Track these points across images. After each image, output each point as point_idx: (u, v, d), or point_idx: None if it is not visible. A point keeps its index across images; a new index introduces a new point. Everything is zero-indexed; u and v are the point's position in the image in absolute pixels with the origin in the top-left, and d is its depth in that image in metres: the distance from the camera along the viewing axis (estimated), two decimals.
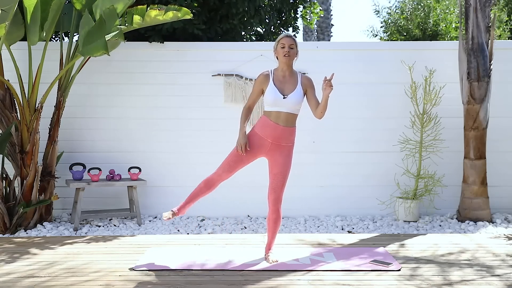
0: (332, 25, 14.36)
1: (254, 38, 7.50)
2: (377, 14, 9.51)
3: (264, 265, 4.13)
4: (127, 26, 5.34)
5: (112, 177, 5.96)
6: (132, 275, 3.91)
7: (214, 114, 6.33)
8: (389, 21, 9.25)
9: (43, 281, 3.79)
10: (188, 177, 6.35)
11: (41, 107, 5.60)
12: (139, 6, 5.48)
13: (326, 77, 3.98)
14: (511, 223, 5.96)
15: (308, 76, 4.27)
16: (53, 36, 7.63)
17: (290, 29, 8.05)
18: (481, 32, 5.90)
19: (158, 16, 5.27)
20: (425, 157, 6.24)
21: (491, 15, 6.05)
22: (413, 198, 6.05)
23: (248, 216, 6.29)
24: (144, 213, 6.30)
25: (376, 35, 9.61)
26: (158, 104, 6.34)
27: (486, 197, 5.96)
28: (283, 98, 4.04)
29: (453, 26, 8.44)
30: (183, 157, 6.35)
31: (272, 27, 7.59)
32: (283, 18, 7.75)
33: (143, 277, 3.86)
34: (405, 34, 8.80)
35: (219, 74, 6.30)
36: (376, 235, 5.24)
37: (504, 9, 9.21)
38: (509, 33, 9.00)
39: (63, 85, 5.83)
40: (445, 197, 6.25)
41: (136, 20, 5.29)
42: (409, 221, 5.98)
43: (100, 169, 6.02)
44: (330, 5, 14.35)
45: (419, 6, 8.66)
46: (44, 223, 5.74)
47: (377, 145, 6.37)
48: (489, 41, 5.98)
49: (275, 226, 4.24)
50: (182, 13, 5.31)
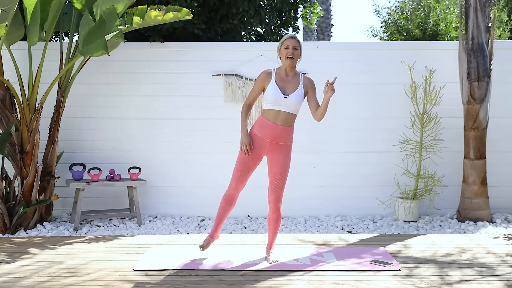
0: (332, 25, 14.36)
1: (254, 38, 7.50)
2: (377, 14, 9.51)
3: (264, 265, 4.13)
4: (127, 26, 5.34)
5: (112, 177, 5.96)
6: (132, 275, 3.91)
7: (214, 114, 6.33)
8: (389, 21, 9.25)
9: (43, 281, 3.79)
10: (188, 177, 6.36)
11: (41, 107, 5.60)
12: (139, 6, 5.48)
13: (329, 80, 3.98)
14: (511, 223, 5.97)
15: (310, 77, 4.27)
16: (53, 36, 7.63)
17: (290, 29, 8.05)
18: (481, 32, 5.90)
19: (158, 16, 5.28)
20: (425, 157, 6.24)
21: (491, 15, 6.05)
22: (413, 198, 6.05)
23: (248, 216, 6.29)
24: (144, 213, 6.30)
25: (376, 35, 9.60)
26: (158, 104, 6.34)
27: (486, 197, 5.96)
28: (284, 97, 4.05)
29: (453, 26, 8.44)
30: (183, 157, 6.35)
31: (272, 27, 7.59)
32: (283, 18, 7.74)
33: (143, 277, 3.86)
34: (405, 34, 8.80)
35: (219, 74, 6.30)
36: (376, 235, 5.24)
37: (504, 9, 9.21)
38: (509, 33, 8.99)
39: (63, 85, 5.84)
40: (445, 197, 6.25)
41: (136, 20, 5.29)
42: (409, 221, 5.99)
43: (100, 169, 6.02)
44: (330, 5, 14.34)
45: (419, 6, 8.66)
46: (44, 223, 5.74)
47: (377, 145, 6.37)
48: (489, 41, 5.98)
49: (276, 226, 4.24)
50: (182, 13, 5.31)
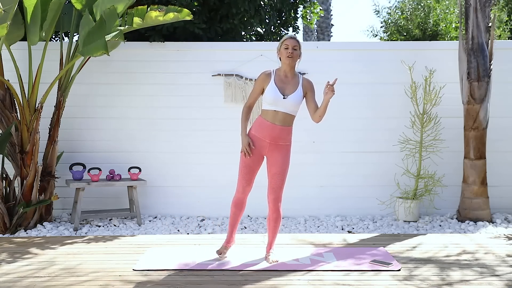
0: (332, 25, 14.36)
1: (254, 38, 7.50)
2: (377, 14, 9.50)
3: (264, 265, 4.13)
4: (127, 26, 5.34)
5: (112, 177, 5.96)
6: (132, 275, 3.92)
7: (214, 114, 6.33)
8: (389, 21, 9.24)
9: (43, 281, 3.79)
10: (188, 177, 6.36)
11: (41, 107, 5.60)
12: (139, 7, 5.48)
13: (329, 82, 3.98)
14: (511, 223, 5.97)
15: (308, 77, 4.28)
16: (53, 36, 7.63)
17: (290, 29, 8.05)
18: (481, 32, 5.90)
19: (159, 17, 5.28)
20: (425, 157, 6.24)
21: (491, 15, 6.05)
22: (413, 198, 6.05)
23: (248, 216, 6.29)
24: (144, 213, 6.30)
25: (376, 35, 9.60)
26: (158, 104, 6.34)
27: (486, 197, 5.96)
28: (283, 98, 4.05)
29: (453, 26, 8.43)
30: (183, 157, 6.35)
31: (272, 27, 7.59)
32: (283, 18, 7.75)
33: (143, 277, 3.86)
34: (405, 34, 8.79)
35: (219, 74, 6.30)
36: (376, 235, 5.24)
37: (504, 9, 9.20)
38: (509, 33, 8.99)
39: (63, 85, 5.84)
40: (445, 197, 6.25)
41: (136, 20, 5.29)
42: (409, 221, 5.99)
43: (100, 169, 6.02)
44: (330, 5, 14.35)
45: (419, 6, 8.65)
46: (44, 223, 5.74)
47: (377, 145, 6.37)
48: (489, 41, 5.98)
49: (276, 225, 4.25)
50: (182, 14, 5.31)
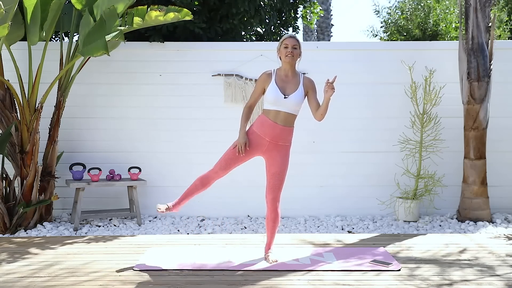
0: (332, 25, 14.36)
1: (254, 38, 7.50)
2: (377, 14, 9.50)
3: (263, 265, 4.13)
4: (127, 26, 5.34)
5: (112, 177, 5.96)
6: (132, 275, 3.91)
7: (214, 114, 6.33)
8: (389, 21, 9.24)
9: (43, 281, 3.79)
10: (188, 177, 6.32)
11: (41, 107, 5.60)
12: (139, 7, 5.47)
13: (329, 80, 3.98)
14: (511, 223, 5.97)
15: (310, 77, 4.28)
16: (53, 36, 7.63)
17: (290, 29, 8.05)
18: (481, 32, 5.90)
19: (159, 16, 5.28)
20: (425, 157, 6.24)
21: (491, 15, 6.05)
22: (413, 198, 6.05)
23: (248, 216, 6.29)
24: (144, 213, 6.30)
25: (376, 35, 9.60)
26: (158, 104, 6.34)
27: (486, 197, 5.96)
28: (284, 98, 4.05)
29: (453, 26, 8.43)
30: (183, 157, 6.35)
31: (272, 27, 7.59)
32: (283, 18, 7.75)
33: (143, 277, 3.86)
34: (405, 34, 8.80)
35: (219, 74, 6.30)
36: (376, 235, 5.24)
37: (504, 9, 9.20)
38: (509, 33, 8.99)
39: (63, 85, 5.84)
40: (445, 197, 6.25)
41: (137, 20, 5.29)
42: (409, 221, 5.98)
43: (100, 169, 6.02)
44: (330, 5, 14.35)
45: (419, 6, 8.65)
46: (44, 223, 5.74)
47: (377, 145, 6.37)
48: (489, 41, 5.98)
49: (274, 225, 4.24)
50: (182, 14, 5.31)
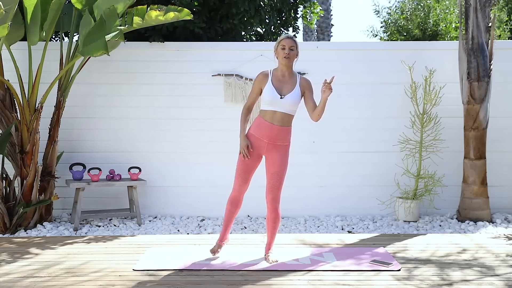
0: (332, 25, 14.36)
1: (254, 38, 7.50)
2: (377, 14, 9.50)
3: (264, 265, 4.13)
4: (127, 26, 5.34)
5: (112, 177, 5.96)
6: (132, 275, 3.92)
7: (214, 114, 6.33)
8: (389, 21, 9.24)
9: (43, 281, 3.79)
10: (188, 177, 6.36)
11: (41, 107, 5.60)
12: (139, 6, 5.48)
13: (326, 80, 3.98)
14: (511, 223, 5.97)
15: (307, 77, 4.28)
16: (53, 36, 7.63)
17: (290, 29, 8.05)
18: (481, 32, 5.90)
19: (159, 16, 5.28)
20: (425, 157, 6.24)
21: (491, 15, 6.05)
22: (413, 198, 6.05)
23: (248, 216, 6.29)
24: (144, 213, 6.30)
25: (376, 35, 9.60)
26: (158, 104, 6.34)
27: (486, 197, 5.96)
28: (281, 98, 4.06)
29: (453, 26, 8.43)
30: (183, 157, 6.35)
31: (272, 27, 7.59)
32: (283, 18, 7.74)
33: (143, 277, 3.86)
34: (405, 34, 8.80)
35: (219, 74, 6.30)
36: (376, 235, 5.24)
37: (504, 9, 9.21)
38: (509, 33, 8.99)
39: (63, 85, 5.83)
40: (445, 197, 6.25)
41: (136, 20, 5.29)
42: (409, 221, 5.98)
43: (100, 169, 6.02)
44: (330, 5, 14.35)
45: (419, 6, 8.65)
46: (44, 223, 5.74)
47: (377, 145, 6.37)
48: (489, 41, 5.98)
49: (274, 225, 4.24)
50: (182, 14, 5.31)
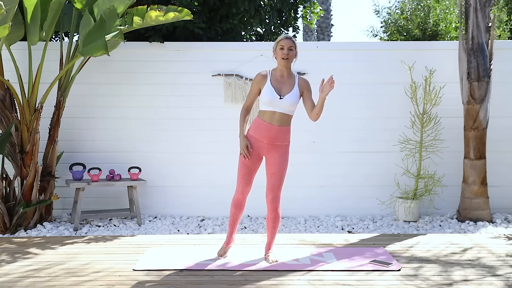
0: (332, 25, 14.36)
1: (254, 38, 7.50)
2: (377, 14, 9.50)
3: (264, 265, 4.13)
4: (127, 26, 5.34)
5: (112, 177, 5.96)
6: (132, 275, 3.92)
7: (214, 114, 6.33)
8: (389, 21, 9.24)
9: (43, 281, 3.79)
10: (188, 177, 6.36)
11: (41, 107, 5.60)
12: (139, 7, 5.47)
13: (324, 79, 3.98)
14: (511, 223, 5.97)
15: (307, 77, 4.28)
16: (53, 36, 7.63)
17: (290, 29, 8.05)
18: (481, 32, 5.90)
19: (159, 16, 5.28)
20: (425, 157, 6.24)
21: (491, 15, 6.05)
22: (413, 198, 6.05)
23: (248, 216, 6.29)
24: (144, 213, 6.30)
25: (376, 35, 9.60)
26: (158, 104, 6.34)
27: (486, 197, 5.96)
28: (279, 98, 4.06)
29: (453, 26, 8.44)
30: (183, 157, 6.35)
31: (272, 27, 7.59)
32: (283, 18, 7.75)
33: (143, 277, 3.86)
34: (405, 34, 8.80)
35: (219, 74, 6.30)
36: (376, 235, 5.24)
37: (504, 9, 9.21)
38: (509, 33, 8.99)
39: (63, 85, 5.83)
40: (445, 197, 6.25)
41: (136, 20, 5.29)
42: (409, 221, 5.99)
43: (100, 169, 6.02)
44: (330, 5, 14.35)
45: (419, 6, 8.65)
46: (44, 223, 5.74)
47: (377, 145, 6.37)
48: (489, 41, 5.98)
49: (274, 225, 4.25)
50: (182, 14, 5.31)
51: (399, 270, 4.04)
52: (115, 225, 5.90)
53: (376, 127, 6.37)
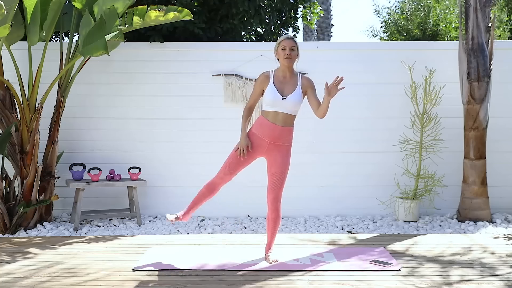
0: (332, 25, 14.36)
1: (254, 38, 7.50)
2: (377, 14, 9.51)
3: (264, 265, 4.13)
4: (127, 26, 5.34)
5: (112, 177, 5.96)
6: (132, 275, 3.91)
7: (214, 114, 6.33)
8: (389, 21, 9.25)
9: (43, 281, 3.79)
10: (188, 177, 6.36)
11: (41, 107, 5.60)
12: (139, 7, 5.47)
13: (327, 83, 3.94)
14: (511, 223, 5.97)
15: (308, 76, 4.27)
16: (53, 36, 7.63)
17: (290, 29, 8.05)
18: (481, 32, 5.90)
19: (159, 17, 5.28)
20: (425, 157, 6.24)
21: (491, 15, 6.05)
22: (413, 198, 6.05)
23: (248, 216, 6.29)
24: (144, 213, 6.30)
25: (376, 35, 9.61)
26: (158, 104, 6.34)
27: (486, 197, 5.96)
28: (282, 99, 4.05)
29: (453, 26, 8.44)
30: (183, 157, 6.35)
31: (272, 27, 7.59)
32: (283, 18, 7.74)
33: (143, 277, 3.86)
34: (405, 34, 8.80)
35: (219, 74, 6.30)
36: (376, 235, 5.24)
37: (504, 9, 9.21)
38: (509, 33, 9.00)
39: (63, 85, 5.84)
40: (445, 197, 6.25)
41: (136, 20, 5.29)
42: (409, 221, 5.99)
43: (100, 169, 6.02)
44: (330, 5, 14.34)
45: (419, 6, 8.66)
46: (44, 223, 5.74)
47: (377, 145, 6.37)
48: (489, 41, 5.98)
49: (275, 225, 4.24)
50: (182, 14, 5.31)
51: (399, 270, 4.03)
52: (115, 225, 5.90)
53: (376, 127, 6.37)
